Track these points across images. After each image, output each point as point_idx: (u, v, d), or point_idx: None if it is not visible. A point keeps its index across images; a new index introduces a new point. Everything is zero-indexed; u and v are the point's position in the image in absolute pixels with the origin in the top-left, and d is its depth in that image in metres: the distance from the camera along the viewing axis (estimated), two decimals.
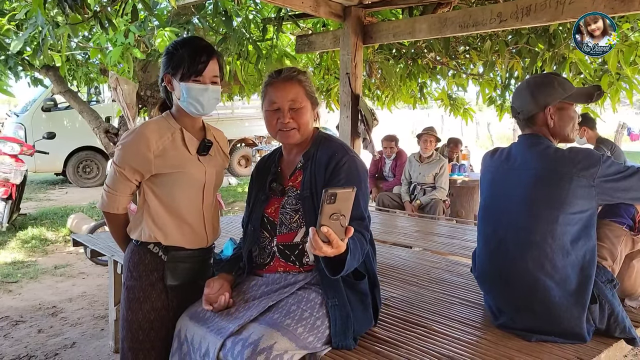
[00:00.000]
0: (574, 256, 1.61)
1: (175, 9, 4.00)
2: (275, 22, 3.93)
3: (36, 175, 10.02)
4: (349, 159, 1.61)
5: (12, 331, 3.23)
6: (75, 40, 4.72)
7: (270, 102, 1.65)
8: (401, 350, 1.58)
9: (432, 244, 3.22)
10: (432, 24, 3.42)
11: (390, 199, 5.28)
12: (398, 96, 6.34)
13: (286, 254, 1.65)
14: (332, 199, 1.21)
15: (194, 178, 1.67)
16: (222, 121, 11.37)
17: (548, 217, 1.61)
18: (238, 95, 6.45)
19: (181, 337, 1.59)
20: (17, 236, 5.62)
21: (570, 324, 1.60)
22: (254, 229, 1.71)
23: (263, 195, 1.73)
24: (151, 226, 1.65)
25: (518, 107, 1.78)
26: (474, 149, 9.74)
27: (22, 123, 9.09)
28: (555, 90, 1.71)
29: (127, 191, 1.67)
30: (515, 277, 1.67)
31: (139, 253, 1.68)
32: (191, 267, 1.72)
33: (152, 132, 1.63)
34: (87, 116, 5.88)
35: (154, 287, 1.66)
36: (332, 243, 1.25)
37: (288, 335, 1.43)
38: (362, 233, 1.52)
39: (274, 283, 1.64)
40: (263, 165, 1.83)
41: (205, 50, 1.63)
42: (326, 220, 1.23)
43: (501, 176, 1.78)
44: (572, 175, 1.59)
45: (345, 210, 1.24)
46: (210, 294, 1.61)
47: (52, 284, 4.20)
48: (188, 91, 1.61)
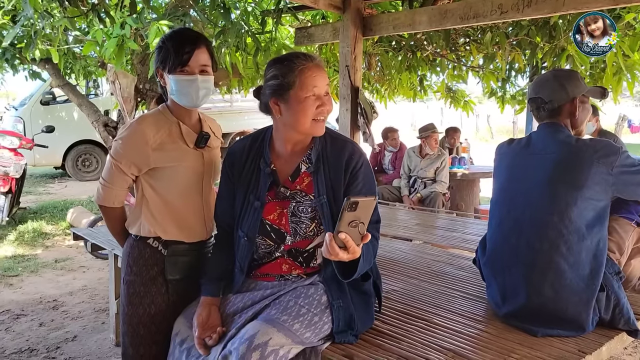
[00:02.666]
0: (589, 241, 1.62)
1: (172, 2, 3.97)
2: (274, 15, 3.91)
3: (35, 169, 9.99)
4: (364, 160, 1.57)
5: (14, 325, 3.23)
6: (73, 33, 4.69)
7: (310, 87, 1.46)
8: (403, 343, 1.59)
9: (432, 237, 3.22)
10: (432, 16, 3.40)
11: (390, 192, 5.28)
12: (397, 89, 6.33)
13: (295, 255, 1.61)
14: (353, 207, 1.20)
15: (192, 171, 1.66)
16: (221, 114, 11.36)
17: (567, 198, 1.62)
18: (236, 89, 6.42)
19: (175, 341, 1.55)
20: (17, 230, 5.62)
21: (577, 309, 1.60)
22: (249, 238, 1.57)
23: (256, 200, 1.56)
24: (150, 221, 1.64)
25: (546, 97, 1.79)
26: (473, 142, 9.71)
27: (20, 117, 9.06)
28: (580, 83, 1.77)
29: (124, 185, 1.66)
30: (528, 257, 1.67)
31: (138, 247, 1.67)
32: (191, 260, 1.71)
33: (149, 125, 1.61)
34: (85, 109, 5.86)
35: (154, 281, 1.66)
36: (349, 249, 1.25)
37: (283, 331, 1.40)
38: (375, 236, 1.51)
39: (272, 288, 1.58)
40: (244, 159, 1.62)
41: (189, 40, 1.59)
42: (345, 227, 1.23)
43: (520, 161, 1.79)
44: (592, 161, 1.62)
45: (365, 217, 1.24)
46: (201, 336, 1.47)
47: (52, 277, 4.21)
48: (176, 83, 1.59)
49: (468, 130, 17.78)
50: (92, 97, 9.34)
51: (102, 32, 3.45)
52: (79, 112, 8.10)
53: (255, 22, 4.19)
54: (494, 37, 4.25)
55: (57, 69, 5.53)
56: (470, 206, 5.63)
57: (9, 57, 5.07)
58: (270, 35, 4.31)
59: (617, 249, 1.79)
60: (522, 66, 5.00)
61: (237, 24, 3.77)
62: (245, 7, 4.21)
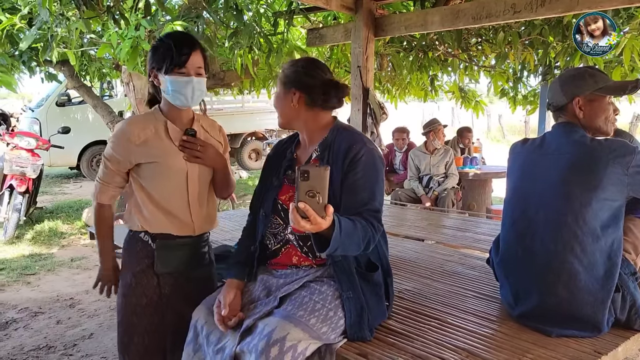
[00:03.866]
0: (603, 242, 1.61)
1: (186, 3, 4.01)
2: (286, 16, 3.93)
3: (51, 169, 10.14)
4: (367, 151, 1.60)
5: (32, 322, 3.30)
6: (88, 36, 4.75)
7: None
8: (416, 342, 1.60)
9: (443, 236, 3.22)
10: (444, 16, 3.39)
11: (406, 195, 5.27)
12: (409, 89, 6.31)
13: (300, 244, 1.66)
14: (305, 176, 1.28)
15: (175, 168, 1.70)
16: (232, 115, 11.42)
17: (581, 198, 1.61)
18: (247, 90, 6.45)
19: (197, 329, 1.61)
20: (34, 229, 5.72)
21: (592, 309, 1.60)
22: (265, 214, 1.72)
23: (277, 180, 1.73)
24: (138, 215, 1.72)
25: (549, 98, 1.82)
26: (485, 142, 9.66)
27: (37, 118, 9.18)
28: (586, 81, 1.73)
29: (114, 183, 1.73)
30: (542, 258, 1.67)
31: (131, 241, 1.77)
32: (182, 256, 1.76)
33: (135, 124, 1.70)
34: (100, 111, 5.94)
35: (144, 273, 1.73)
36: (311, 219, 1.29)
37: (301, 326, 1.45)
38: (371, 222, 1.53)
39: (286, 277, 1.65)
40: (280, 149, 1.83)
41: (187, 42, 1.66)
42: (303, 197, 1.29)
43: (534, 161, 1.79)
44: (608, 161, 1.60)
45: (321, 188, 1.29)
46: (227, 315, 1.55)
47: (69, 276, 4.28)
48: (172, 84, 1.64)
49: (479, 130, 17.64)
50: (106, 98, 9.43)
51: (116, 35, 3.49)
52: (93, 113, 8.20)
53: (267, 23, 4.22)
54: (506, 37, 4.22)
55: (73, 71, 5.61)
56: (483, 206, 5.60)
57: (26, 60, 5.15)
58: (282, 36, 4.34)
59: (632, 250, 1.77)
60: (534, 66, 4.96)
61: (250, 25, 3.80)
62: (258, 8, 4.23)
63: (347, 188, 1.57)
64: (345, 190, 1.58)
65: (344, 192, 1.58)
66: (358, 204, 1.55)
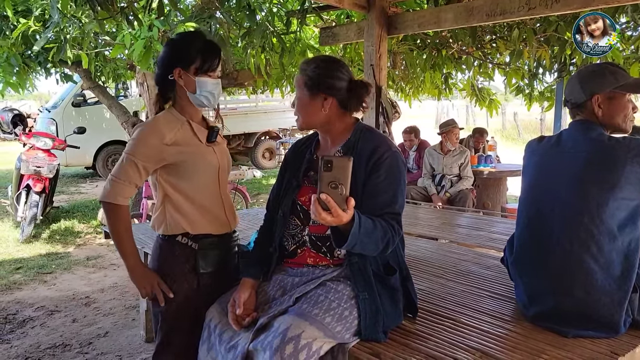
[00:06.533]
0: (620, 242, 1.58)
1: (199, 4, 4.04)
2: (299, 15, 3.93)
3: (67, 169, 10.29)
4: (391, 154, 1.59)
5: (48, 320, 3.34)
6: (102, 37, 4.81)
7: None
8: (429, 342, 1.58)
9: (458, 235, 3.19)
10: (458, 14, 3.36)
11: (418, 193, 5.25)
12: (422, 87, 6.27)
13: (317, 245, 1.65)
14: (328, 166, 1.26)
15: (209, 164, 1.73)
16: (246, 114, 11.47)
17: (598, 198, 1.58)
18: (260, 89, 6.47)
19: (210, 327, 1.62)
20: (50, 228, 5.80)
21: (609, 310, 1.57)
22: (283, 214, 1.70)
23: (295, 181, 1.71)
24: (176, 218, 1.69)
25: (567, 95, 1.78)
26: (500, 140, 9.56)
27: (53, 118, 9.32)
28: (606, 79, 1.69)
29: (135, 181, 1.64)
30: (558, 258, 1.64)
31: (166, 246, 1.73)
32: (221, 253, 1.77)
33: (164, 124, 1.68)
34: (115, 111, 6.01)
35: (185, 277, 1.71)
36: (332, 211, 1.28)
37: (316, 324, 1.44)
38: (391, 224, 1.52)
39: (302, 276, 1.65)
40: (299, 149, 1.80)
41: (216, 46, 1.72)
42: (325, 188, 1.27)
43: (550, 159, 1.76)
44: (626, 160, 1.57)
45: (344, 179, 1.28)
46: (241, 314, 1.56)
47: (84, 274, 4.33)
48: (204, 85, 1.67)
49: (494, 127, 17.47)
50: (121, 98, 9.55)
51: (129, 35, 3.53)
52: (109, 114, 8.29)
53: (280, 22, 4.22)
54: (521, 34, 4.17)
55: (88, 71, 5.68)
56: (497, 205, 5.54)
57: (42, 61, 5.23)
58: (295, 35, 4.34)
59: None
60: (550, 63, 4.89)
61: (263, 24, 3.80)
62: (271, 7, 4.24)
63: (369, 190, 1.56)
64: (367, 192, 1.56)
65: (365, 194, 1.55)
66: (379, 206, 1.54)
